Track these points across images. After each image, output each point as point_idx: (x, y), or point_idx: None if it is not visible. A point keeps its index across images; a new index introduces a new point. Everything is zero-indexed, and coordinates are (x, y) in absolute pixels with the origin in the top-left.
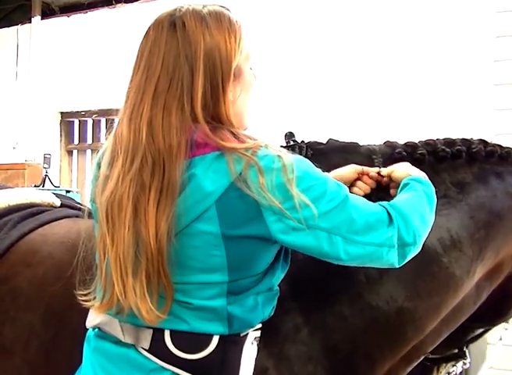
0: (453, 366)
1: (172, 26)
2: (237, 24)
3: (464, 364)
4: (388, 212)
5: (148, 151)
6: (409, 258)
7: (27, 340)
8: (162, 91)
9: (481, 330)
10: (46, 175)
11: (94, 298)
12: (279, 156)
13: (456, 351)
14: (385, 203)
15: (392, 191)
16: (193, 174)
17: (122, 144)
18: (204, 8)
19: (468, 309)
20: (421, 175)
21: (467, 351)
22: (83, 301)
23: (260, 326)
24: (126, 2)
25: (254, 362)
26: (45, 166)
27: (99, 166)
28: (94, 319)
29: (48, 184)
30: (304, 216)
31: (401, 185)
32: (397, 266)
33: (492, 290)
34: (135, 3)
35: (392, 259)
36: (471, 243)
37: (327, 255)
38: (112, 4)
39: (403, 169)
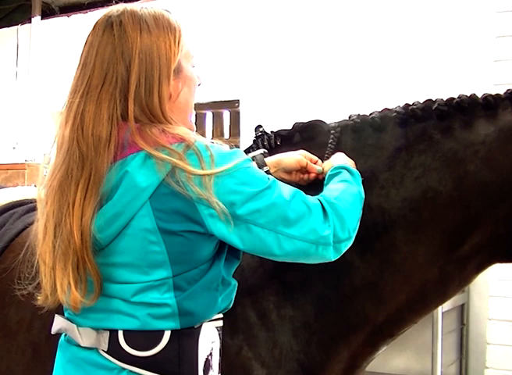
0: None
1: (109, 26)
2: (176, 24)
3: None
4: (323, 207)
5: (77, 144)
6: (344, 251)
7: (31, 321)
8: (96, 86)
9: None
10: (46, 175)
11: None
12: (208, 151)
13: None
14: (319, 197)
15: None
16: (125, 172)
17: (56, 142)
18: (142, 9)
19: (436, 294)
20: (350, 163)
21: None
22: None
23: (221, 316)
24: (125, 2)
25: (218, 352)
26: (45, 165)
27: None
28: (55, 325)
29: None
30: (232, 210)
31: (330, 172)
32: (332, 260)
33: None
34: (135, 3)
35: (328, 255)
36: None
37: (261, 251)
38: (111, 4)
39: (334, 161)
